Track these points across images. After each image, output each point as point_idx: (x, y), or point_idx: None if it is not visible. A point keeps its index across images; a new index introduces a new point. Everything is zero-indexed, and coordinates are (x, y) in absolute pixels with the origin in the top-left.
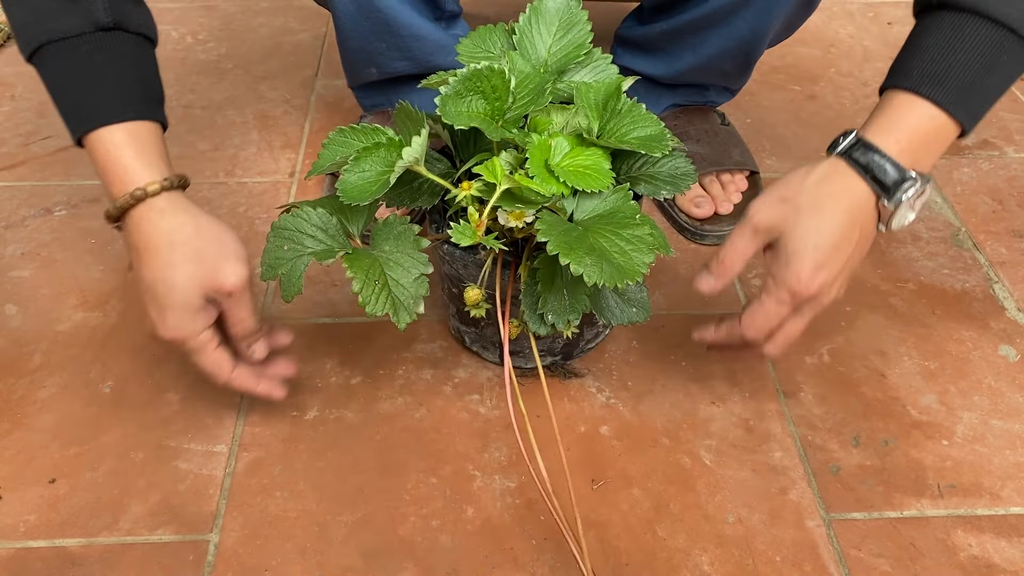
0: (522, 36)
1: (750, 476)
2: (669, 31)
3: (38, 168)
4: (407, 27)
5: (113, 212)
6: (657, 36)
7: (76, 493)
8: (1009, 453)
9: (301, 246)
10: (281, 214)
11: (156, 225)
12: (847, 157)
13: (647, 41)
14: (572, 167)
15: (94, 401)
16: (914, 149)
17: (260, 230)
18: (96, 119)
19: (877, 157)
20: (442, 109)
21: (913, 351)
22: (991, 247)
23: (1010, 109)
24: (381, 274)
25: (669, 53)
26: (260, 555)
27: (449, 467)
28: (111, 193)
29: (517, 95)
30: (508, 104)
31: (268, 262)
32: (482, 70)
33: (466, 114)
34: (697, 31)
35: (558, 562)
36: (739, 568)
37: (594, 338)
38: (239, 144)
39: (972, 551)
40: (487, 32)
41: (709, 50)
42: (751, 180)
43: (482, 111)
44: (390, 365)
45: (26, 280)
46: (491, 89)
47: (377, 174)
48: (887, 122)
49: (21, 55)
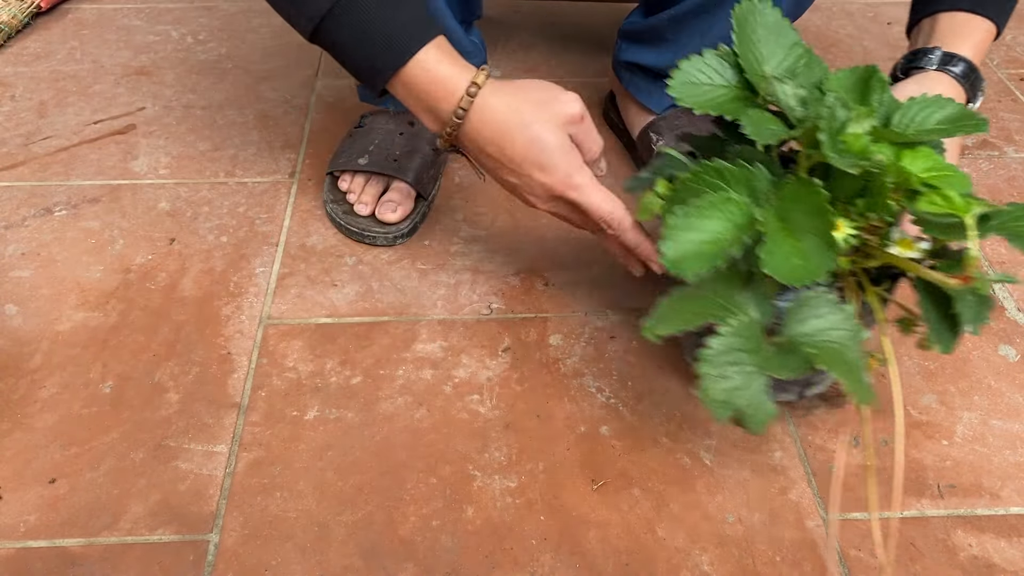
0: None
1: (750, 476)
2: (677, 16)
3: (38, 168)
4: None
5: (453, 124)
6: (665, 25)
7: (76, 493)
8: (1009, 453)
9: (742, 363)
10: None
11: (495, 108)
12: (946, 70)
13: (654, 32)
14: (931, 178)
15: (94, 401)
16: (981, 56)
17: (260, 230)
18: (411, 47)
19: (965, 67)
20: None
21: (913, 351)
22: (991, 247)
23: (1010, 109)
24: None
25: (676, 42)
26: (260, 555)
27: (449, 467)
28: (442, 110)
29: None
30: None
31: (719, 399)
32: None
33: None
34: (703, 12)
35: (558, 562)
36: (739, 568)
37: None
38: (239, 144)
39: (972, 551)
40: (698, 64)
41: (719, 31)
42: None
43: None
44: (390, 365)
45: (26, 280)
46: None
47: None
48: (961, 38)
49: (302, 35)
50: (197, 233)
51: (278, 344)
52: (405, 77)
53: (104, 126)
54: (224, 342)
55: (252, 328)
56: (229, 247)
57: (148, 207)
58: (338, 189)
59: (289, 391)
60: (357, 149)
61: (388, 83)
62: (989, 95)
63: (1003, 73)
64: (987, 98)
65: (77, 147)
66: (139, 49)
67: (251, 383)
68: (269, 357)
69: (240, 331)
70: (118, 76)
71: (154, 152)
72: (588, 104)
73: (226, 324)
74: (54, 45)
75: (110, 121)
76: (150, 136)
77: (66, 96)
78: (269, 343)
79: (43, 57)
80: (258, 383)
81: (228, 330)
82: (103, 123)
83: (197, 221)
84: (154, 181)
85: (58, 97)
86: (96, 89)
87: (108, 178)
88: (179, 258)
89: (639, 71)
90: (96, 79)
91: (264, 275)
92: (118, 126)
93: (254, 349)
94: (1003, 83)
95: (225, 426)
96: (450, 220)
